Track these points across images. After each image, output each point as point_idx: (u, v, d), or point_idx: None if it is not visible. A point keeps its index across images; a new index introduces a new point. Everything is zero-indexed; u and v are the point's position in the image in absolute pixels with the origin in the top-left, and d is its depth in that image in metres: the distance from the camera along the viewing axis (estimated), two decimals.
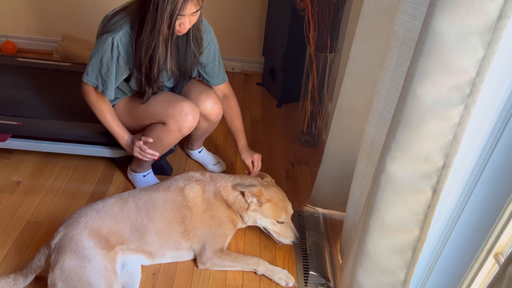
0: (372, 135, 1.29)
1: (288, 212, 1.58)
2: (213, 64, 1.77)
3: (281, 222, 1.56)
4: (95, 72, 1.58)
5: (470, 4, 0.76)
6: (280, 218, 1.55)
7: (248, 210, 1.56)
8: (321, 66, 2.09)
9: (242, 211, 1.57)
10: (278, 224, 1.57)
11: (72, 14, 2.85)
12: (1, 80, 2.17)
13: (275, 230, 1.58)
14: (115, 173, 1.98)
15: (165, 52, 1.51)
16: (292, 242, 1.59)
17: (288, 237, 1.58)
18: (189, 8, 1.41)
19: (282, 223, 1.57)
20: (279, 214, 1.55)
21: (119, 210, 1.46)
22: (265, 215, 1.56)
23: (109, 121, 1.69)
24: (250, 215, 1.57)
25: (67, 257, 1.32)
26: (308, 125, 2.31)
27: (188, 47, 1.63)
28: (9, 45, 2.89)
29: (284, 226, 1.58)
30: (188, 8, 1.41)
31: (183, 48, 1.63)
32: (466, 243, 1.01)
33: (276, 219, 1.56)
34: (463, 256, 1.02)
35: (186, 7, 1.40)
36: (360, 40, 1.40)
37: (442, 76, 0.83)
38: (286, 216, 1.57)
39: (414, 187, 0.96)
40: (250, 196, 1.54)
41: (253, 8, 2.80)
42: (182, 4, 1.39)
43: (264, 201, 1.54)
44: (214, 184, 1.59)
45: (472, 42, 0.78)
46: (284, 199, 1.60)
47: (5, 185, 1.84)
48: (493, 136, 0.92)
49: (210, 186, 1.58)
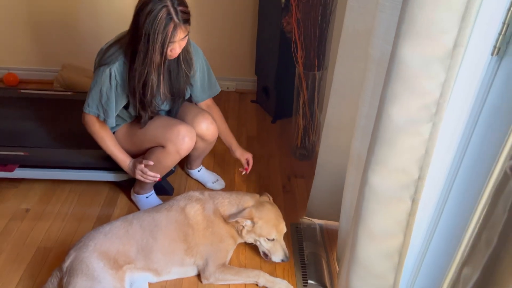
0: (358, 149, 1.39)
1: (279, 229, 1.66)
2: (203, 82, 1.88)
3: (271, 240, 1.64)
4: (96, 103, 1.68)
5: (429, 35, 0.86)
6: (270, 235, 1.64)
7: (244, 231, 1.66)
8: (310, 84, 2.20)
9: (239, 231, 1.67)
10: (269, 242, 1.65)
11: (71, 44, 2.96)
12: (6, 112, 2.27)
13: (266, 247, 1.67)
14: (119, 195, 2.07)
15: (158, 78, 1.60)
16: (281, 260, 1.66)
17: (278, 255, 1.66)
18: (178, 35, 1.51)
19: (273, 240, 1.65)
20: (270, 231, 1.64)
21: (125, 232, 1.55)
22: (257, 233, 1.65)
23: (110, 147, 1.79)
24: (247, 234, 1.67)
25: (78, 279, 1.40)
26: (302, 140, 2.41)
27: (180, 69, 1.72)
28: (11, 77, 3.00)
29: (274, 244, 1.65)
30: (178, 35, 1.51)
31: (174, 70, 1.73)
32: (445, 245, 1.10)
33: (266, 236, 1.64)
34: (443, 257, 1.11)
35: (176, 34, 1.50)
36: (341, 62, 1.51)
37: (410, 98, 0.93)
38: (277, 233, 1.65)
39: (395, 197, 1.06)
40: (243, 220, 1.63)
41: (244, 30, 2.93)
42: (172, 32, 1.49)
43: (256, 220, 1.63)
44: (213, 201, 1.68)
45: (434, 68, 0.88)
46: (276, 217, 1.67)
47: (15, 213, 1.93)
48: (460, 149, 1.02)
49: (209, 204, 1.67)
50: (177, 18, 1.48)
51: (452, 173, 1.05)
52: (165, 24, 1.46)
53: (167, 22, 1.46)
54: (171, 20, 1.47)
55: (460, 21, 0.82)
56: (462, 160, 1.02)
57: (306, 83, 2.19)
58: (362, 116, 1.33)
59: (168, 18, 1.46)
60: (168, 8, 1.46)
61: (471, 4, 0.79)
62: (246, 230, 1.66)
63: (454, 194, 1.07)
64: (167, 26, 1.47)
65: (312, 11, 1.99)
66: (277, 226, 1.65)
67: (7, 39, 2.95)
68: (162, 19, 1.45)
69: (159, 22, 1.45)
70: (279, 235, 1.66)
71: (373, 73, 1.24)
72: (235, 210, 1.66)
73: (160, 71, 1.60)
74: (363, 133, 1.34)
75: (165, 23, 1.46)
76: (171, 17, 1.46)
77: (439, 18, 0.83)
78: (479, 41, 0.89)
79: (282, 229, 1.67)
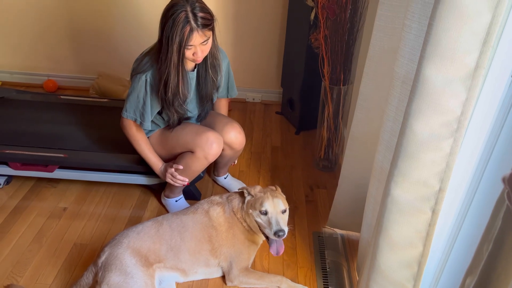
0: (381, 162, 1.45)
1: (270, 202, 1.63)
2: (225, 83, 2.04)
3: (263, 213, 1.62)
4: (133, 108, 1.79)
5: (452, 57, 0.92)
6: (262, 207, 1.62)
7: (246, 210, 1.68)
8: (335, 97, 2.27)
9: (245, 215, 1.69)
10: (262, 216, 1.63)
11: (107, 53, 3.13)
12: (47, 116, 2.43)
13: (261, 222, 1.64)
14: (149, 199, 2.18)
15: (177, 77, 1.71)
16: (274, 233, 1.58)
17: (270, 228, 1.60)
18: (195, 39, 1.62)
19: (265, 214, 1.62)
20: (261, 204, 1.62)
21: (156, 232, 1.65)
22: (253, 208, 1.65)
23: (145, 150, 1.90)
24: (250, 215, 1.66)
25: (112, 273, 1.50)
26: (325, 152, 2.47)
27: (207, 74, 1.84)
28: (50, 83, 3.18)
29: (267, 218, 1.62)
30: (194, 39, 1.61)
31: (202, 75, 1.85)
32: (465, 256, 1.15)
33: (258, 209, 1.63)
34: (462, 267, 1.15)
35: (192, 37, 1.61)
36: (368, 78, 1.57)
37: (433, 115, 0.99)
38: (269, 206, 1.62)
39: (415, 208, 1.11)
40: (246, 192, 1.70)
41: (272, 44, 3.03)
42: (188, 35, 1.60)
43: (253, 193, 1.68)
44: (230, 204, 1.76)
45: (456, 87, 0.95)
46: (272, 192, 1.67)
47: (53, 211, 2.05)
48: (481, 164, 1.07)
49: (227, 207, 1.75)
50: (195, 23, 1.59)
51: (473, 186, 1.10)
52: (182, 27, 1.58)
53: (183, 25, 1.58)
54: (188, 23, 1.58)
55: (482, 44, 0.88)
56: (483, 173, 1.07)
57: (331, 97, 2.27)
58: (386, 130, 1.39)
59: (185, 21, 1.58)
60: (186, 13, 1.58)
61: (492, 29, 0.86)
62: (246, 207, 1.68)
63: (474, 206, 1.11)
64: (183, 29, 1.58)
65: (340, 28, 2.07)
66: (268, 198, 1.64)
67: (48, 47, 3.13)
68: (179, 22, 1.57)
69: (177, 24, 1.58)
70: (272, 208, 1.63)
71: (397, 90, 1.31)
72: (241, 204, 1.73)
73: (179, 71, 1.69)
74: (386, 147, 1.40)
75: (182, 26, 1.58)
76: (188, 21, 1.58)
77: (462, 41, 0.89)
78: (500, 63, 0.95)
79: (277, 203, 1.64)
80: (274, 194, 1.68)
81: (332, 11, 2.01)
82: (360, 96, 1.64)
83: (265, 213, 1.62)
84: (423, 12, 1.11)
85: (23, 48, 3.15)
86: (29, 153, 2.08)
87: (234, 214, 1.73)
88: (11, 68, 3.24)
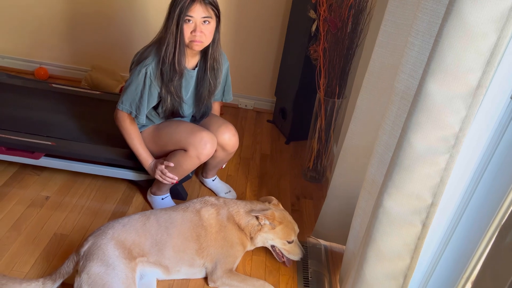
0: (373, 175, 1.47)
1: (296, 232, 1.79)
2: (222, 86, 2.05)
3: (290, 242, 1.76)
4: (129, 100, 1.78)
5: (456, 74, 0.95)
6: (290, 238, 1.75)
7: (261, 232, 1.74)
8: (329, 110, 2.30)
9: (254, 233, 1.75)
10: (287, 244, 1.76)
11: (102, 46, 3.10)
12: (37, 103, 2.38)
13: (286, 248, 1.78)
14: (135, 194, 2.15)
15: (174, 47, 1.70)
16: (299, 258, 1.80)
17: (296, 254, 1.79)
18: (195, 9, 1.64)
19: (292, 242, 1.76)
20: (290, 234, 1.75)
21: (142, 225, 1.63)
22: (277, 236, 1.75)
23: (136, 145, 1.88)
24: (262, 236, 1.75)
25: (94, 263, 1.47)
26: (314, 163, 2.49)
27: (205, 76, 1.85)
28: (42, 71, 3.13)
29: (293, 245, 1.77)
30: (194, 9, 1.64)
31: (201, 76, 1.86)
32: (450, 271, 1.17)
33: (286, 239, 1.75)
34: (446, 282, 1.17)
35: (193, 7, 1.63)
36: (366, 92, 1.60)
37: (432, 129, 1.02)
38: (295, 236, 1.77)
39: (406, 220, 1.13)
40: (263, 218, 1.72)
41: (268, 52, 3.06)
42: (189, 4, 1.63)
43: (277, 224, 1.73)
44: (227, 208, 1.76)
45: (457, 104, 0.97)
46: (292, 220, 1.81)
47: (35, 199, 2.00)
48: (473, 181, 1.10)
49: (224, 210, 1.75)
50: None
51: (464, 203, 1.13)
52: None
53: None
54: None
55: (486, 64, 0.91)
56: (474, 190, 1.10)
57: (325, 109, 2.29)
58: (381, 144, 1.42)
59: None
60: None
61: (497, 51, 0.89)
62: (264, 230, 1.74)
63: (463, 222, 1.14)
64: None
65: (340, 42, 2.11)
66: (294, 229, 1.77)
67: (43, 35, 3.09)
68: None
69: None
70: (296, 237, 1.79)
71: (396, 105, 1.33)
72: (250, 218, 1.74)
73: (176, 42, 1.69)
74: (380, 161, 1.42)
75: None
76: None
77: (466, 59, 0.92)
78: (500, 84, 0.98)
79: (297, 230, 1.81)
80: (292, 220, 1.80)
81: (334, 25, 2.05)
82: (356, 110, 1.66)
83: (291, 241, 1.77)
84: (428, 31, 1.14)
85: (16, 33, 3.10)
86: (16, 138, 2.04)
87: (232, 218, 1.75)
88: (2, 52, 3.18)
